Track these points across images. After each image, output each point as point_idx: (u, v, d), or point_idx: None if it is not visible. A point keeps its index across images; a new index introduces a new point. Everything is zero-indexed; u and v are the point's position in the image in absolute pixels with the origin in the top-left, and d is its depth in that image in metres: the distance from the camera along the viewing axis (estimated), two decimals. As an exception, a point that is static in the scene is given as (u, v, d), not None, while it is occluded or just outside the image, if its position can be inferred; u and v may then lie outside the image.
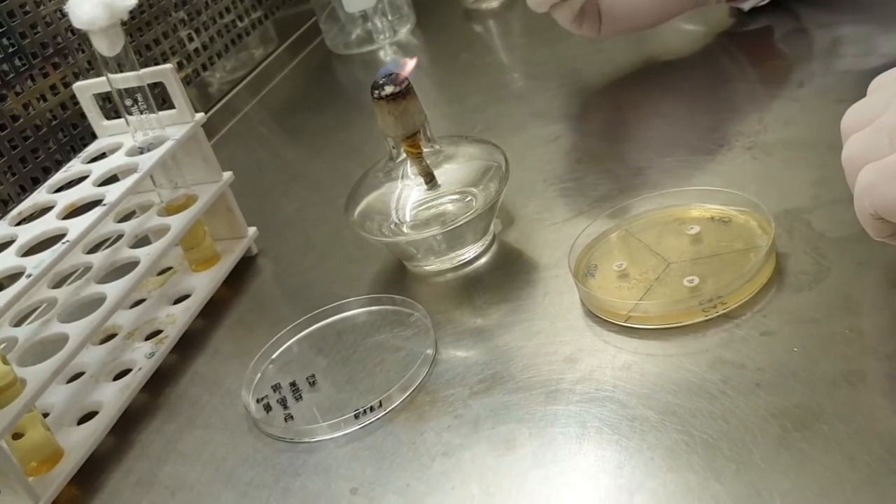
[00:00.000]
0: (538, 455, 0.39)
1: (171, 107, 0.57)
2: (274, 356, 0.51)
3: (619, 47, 0.76)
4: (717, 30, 0.73)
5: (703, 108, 0.62)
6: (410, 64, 0.52)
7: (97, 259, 0.56)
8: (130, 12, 0.51)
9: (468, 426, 0.41)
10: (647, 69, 0.71)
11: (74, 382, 0.52)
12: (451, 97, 0.78)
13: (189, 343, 0.55)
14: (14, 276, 0.46)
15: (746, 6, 0.70)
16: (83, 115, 0.60)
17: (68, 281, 0.57)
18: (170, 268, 0.61)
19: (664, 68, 0.71)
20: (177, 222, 0.56)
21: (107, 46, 0.51)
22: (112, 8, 0.50)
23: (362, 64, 0.93)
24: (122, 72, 0.53)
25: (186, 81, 0.90)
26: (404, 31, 0.95)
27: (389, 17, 0.94)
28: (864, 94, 0.39)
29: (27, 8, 0.70)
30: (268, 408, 0.47)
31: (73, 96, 0.68)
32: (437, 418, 0.42)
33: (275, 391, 0.48)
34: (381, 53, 0.93)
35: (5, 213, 0.57)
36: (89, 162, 0.57)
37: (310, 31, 1.05)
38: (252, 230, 0.62)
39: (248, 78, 0.98)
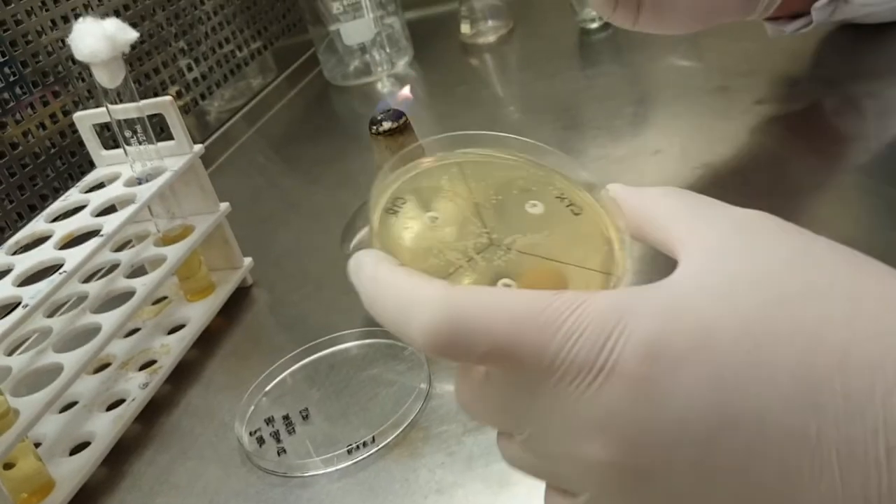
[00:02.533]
0: (533, 494, 0.38)
1: (169, 135, 0.57)
2: (268, 388, 0.51)
3: (615, 82, 0.77)
4: (715, 65, 0.74)
5: (698, 144, 0.63)
6: (405, 94, 0.52)
7: (93, 289, 0.56)
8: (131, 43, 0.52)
9: (462, 463, 0.41)
10: (643, 104, 0.72)
11: (67, 412, 0.52)
12: (447, 130, 0.78)
13: (183, 374, 0.55)
14: (10, 306, 0.46)
15: (788, 29, 0.63)
16: (81, 144, 0.61)
17: (63, 310, 0.57)
18: (165, 297, 0.61)
19: (660, 103, 0.71)
20: (173, 253, 0.56)
21: (108, 78, 0.52)
22: (114, 41, 0.50)
23: (360, 95, 0.94)
24: (121, 102, 0.53)
25: (185, 110, 0.91)
26: (402, 64, 0.96)
27: (387, 50, 0.95)
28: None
29: (29, 37, 0.71)
30: (261, 441, 0.47)
31: (72, 124, 0.68)
32: (430, 455, 0.43)
33: (268, 424, 0.48)
34: (379, 85, 0.94)
35: (2, 240, 0.57)
36: (87, 191, 0.57)
37: (308, 61, 1.06)
38: (248, 261, 0.62)
39: (247, 107, 0.99)
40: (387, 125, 0.50)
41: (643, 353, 0.24)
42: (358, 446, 0.44)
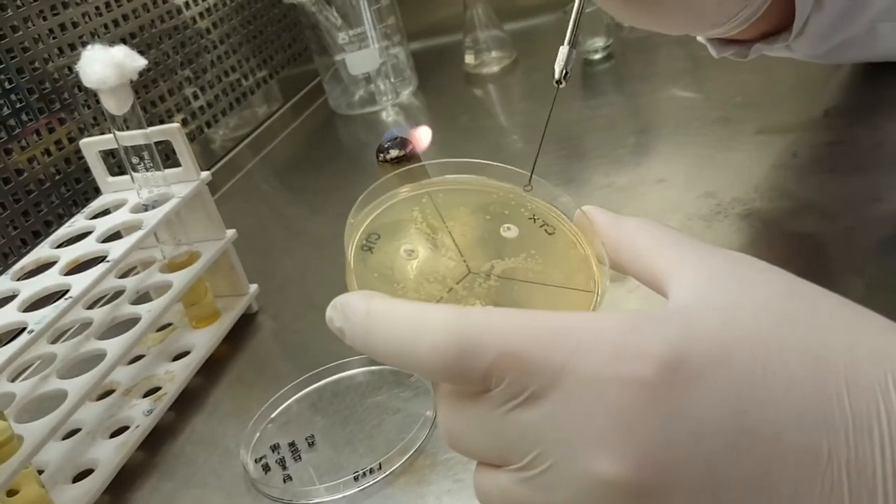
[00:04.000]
0: (539, 521, 0.38)
1: (175, 162, 0.58)
2: (273, 415, 0.51)
3: (618, 112, 0.77)
4: (715, 96, 0.74)
5: (702, 173, 0.63)
6: (421, 134, 0.52)
7: (97, 315, 0.56)
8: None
9: (469, 490, 0.41)
10: (645, 134, 0.72)
11: (71, 439, 0.51)
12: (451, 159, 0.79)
13: (187, 400, 0.54)
14: (15, 332, 0.46)
15: (723, 53, 0.56)
16: (87, 171, 0.61)
17: (67, 336, 0.57)
18: (170, 324, 0.61)
19: (663, 133, 0.72)
20: (179, 279, 0.56)
21: (115, 105, 0.52)
22: (122, 68, 0.51)
23: (364, 124, 0.94)
24: (128, 129, 0.53)
25: (190, 138, 0.91)
26: (406, 94, 0.97)
27: (392, 80, 0.96)
28: None
29: (36, 64, 0.71)
30: (266, 468, 0.47)
31: (78, 151, 0.68)
32: (437, 482, 0.42)
33: (273, 451, 0.48)
34: (384, 114, 0.94)
35: (6, 266, 0.57)
36: (93, 218, 0.57)
37: (314, 91, 1.07)
38: (253, 287, 0.62)
39: (252, 136, 0.99)
40: (394, 153, 0.51)
41: (662, 363, 0.23)
42: (364, 473, 0.43)
